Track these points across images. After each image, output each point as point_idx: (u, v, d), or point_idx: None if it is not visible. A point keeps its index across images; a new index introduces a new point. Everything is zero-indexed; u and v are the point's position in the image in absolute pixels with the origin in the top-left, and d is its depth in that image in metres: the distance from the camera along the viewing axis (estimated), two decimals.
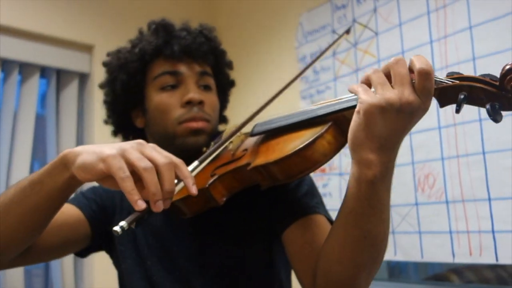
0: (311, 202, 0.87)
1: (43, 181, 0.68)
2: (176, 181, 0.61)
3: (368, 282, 0.73)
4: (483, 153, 1.45)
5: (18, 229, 0.71)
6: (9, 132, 2.08)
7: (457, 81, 0.61)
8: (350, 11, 1.94)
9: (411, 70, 0.61)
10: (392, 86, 0.60)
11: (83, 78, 2.39)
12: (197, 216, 0.85)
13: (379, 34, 1.82)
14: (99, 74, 2.32)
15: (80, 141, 2.37)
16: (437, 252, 1.54)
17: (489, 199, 1.43)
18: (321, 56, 0.92)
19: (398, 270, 1.97)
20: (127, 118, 1.00)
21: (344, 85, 1.92)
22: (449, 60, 1.57)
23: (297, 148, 0.68)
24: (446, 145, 1.54)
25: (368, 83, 0.64)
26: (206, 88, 0.97)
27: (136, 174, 0.59)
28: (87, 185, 1.01)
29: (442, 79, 0.62)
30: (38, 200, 0.68)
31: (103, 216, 0.94)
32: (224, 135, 0.86)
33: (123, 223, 0.56)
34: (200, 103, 0.92)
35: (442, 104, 0.63)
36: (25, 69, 2.18)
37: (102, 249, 1.00)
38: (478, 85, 0.59)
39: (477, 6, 1.51)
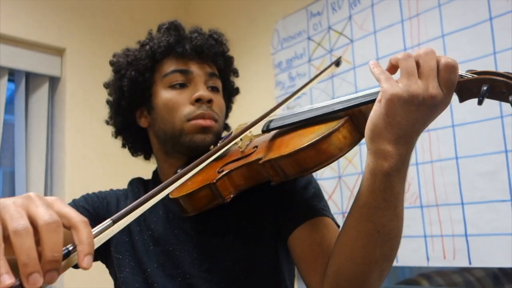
0: (318, 204, 0.87)
1: None
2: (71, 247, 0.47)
3: (380, 282, 0.72)
4: (456, 158, 1.48)
5: None
6: None
7: (478, 75, 0.61)
8: (325, 19, 1.97)
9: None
10: (418, 77, 0.60)
11: (53, 81, 2.33)
12: (201, 219, 0.84)
13: (354, 41, 1.84)
14: (70, 78, 2.29)
15: (50, 147, 2.30)
16: (412, 256, 1.57)
17: (462, 204, 1.46)
18: (312, 82, 0.91)
19: None
20: (131, 118, 0.99)
21: (319, 91, 1.94)
22: None
23: (313, 141, 0.67)
24: (420, 150, 1.57)
25: (394, 67, 0.63)
26: (214, 89, 0.96)
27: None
28: (80, 193, 0.99)
29: (464, 73, 0.62)
30: None
31: (94, 223, 0.91)
32: (233, 134, 0.85)
33: None
34: (209, 101, 0.91)
35: (462, 98, 0.64)
36: None
37: (96, 259, 0.94)
38: (500, 78, 0.59)
39: (448, 16, 1.55)
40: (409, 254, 1.57)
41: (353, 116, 0.69)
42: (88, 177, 2.24)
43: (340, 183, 1.83)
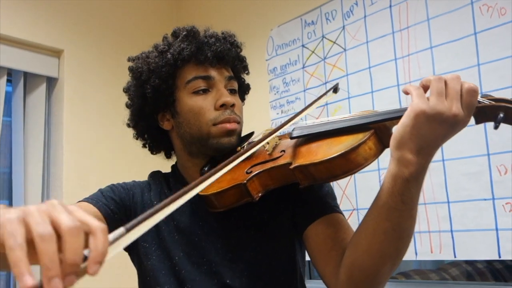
0: (332, 202, 0.96)
1: None
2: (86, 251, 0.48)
3: (390, 274, 0.81)
4: (443, 160, 1.61)
5: None
6: None
7: (494, 102, 0.70)
8: (319, 28, 2.08)
9: None
10: (445, 97, 0.68)
11: (51, 82, 2.37)
12: (224, 213, 0.91)
13: (347, 50, 1.96)
14: (67, 79, 2.33)
15: (47, 146, 2.33)
16: None
17: (448, 202, 1.59)
18: (312, 106, 0.94)
19: None
20: (153, 121, 1.03)
21: (313, 97, 2.05)
22: (412, 76, 1.73)
23: (343, 151, 0.74)
24: None
25: (426, 86, 0.72)
26: (233, 91, 1.02)
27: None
28: (77, 193, 1.03)
29: (482, 99, 0.72)
30: None
31: (122, 214, 0.96)
32: (260, 137, 0.92)
33: None
34: (232, 105, 0.97)
35: (478, 121, 0.73)
36: None
37: None
38: None
39: (437, 28, 1.68)
40: None
41: (378, 130, 0.78)
42: (86, 177, 2.28)
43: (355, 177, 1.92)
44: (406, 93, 0.73)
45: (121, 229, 0.52)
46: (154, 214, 0.56)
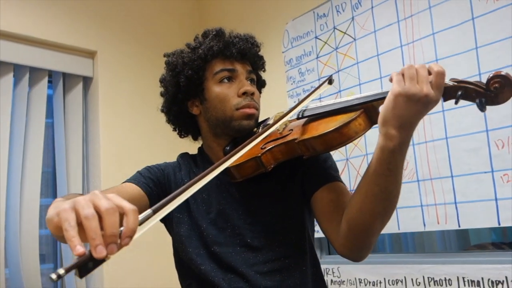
0: (335, 173, 1.13)
1: None
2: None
3: (380, 229, 0.96)
4: (446, 138, 1.74)
5: None
6: (21, 133, 2.26)
7: (457, 83, 0.84)
8: (331, 20, 2.22)
9: (428, 72, 0.83)
10: (416, 82, 0.82)
11: (86, 81, 2.59)
12: (244, 184, 1.09)
13: (357, 39, 2.10)
14: (102, 78, 2.55)
15: (85, 142, 2.55)
16: (411, 223, 1.83)
17: (452, 176, 1.72)
18: (308, 98, 1.05)
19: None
20: (184, 107, 1.20)
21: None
22: (416, 61, 1.86)
23: (337, 126, 0.90)
24: (415, 132, 1.80)
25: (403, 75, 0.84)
26: (252, 82, 1.20)
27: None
28: (143, 164, 1.21)
29: (447, 82, 0.84)
30: None
31: (159, 191, 1.14)
32: (273, 120, 1.08)
33: (61, 271, 0.55)
34: (252, 94, 1.14)
35: (445, 99, 0.86)
36: (34, 73, 2.37)
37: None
38: (471, 86, 0.83)
39: (438, 16, 1.80)
40: (409, 222, 1.83)
41: (367, 109, 0.93)
42: (121, 164, 2.49)
43: (348, 165, 2.09)
44: (391, 80, 0.87)
45: (149, 211, 0.65)
46: (180, 194, 0.71)
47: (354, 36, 2.11)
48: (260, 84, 1.30)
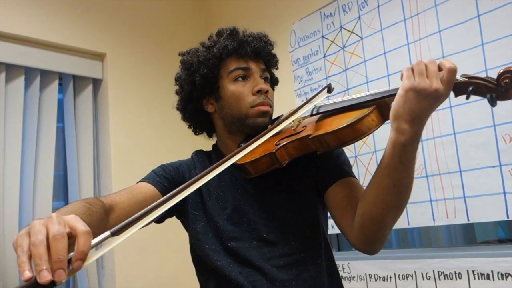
0: (348, 169, 1.15)
1: None
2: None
3: (393, 223, 0.98)
4: (454, 133, 1.77)
5: None
6: (33, 135, 2.29)
7: (468, 79, 0.86)
8: (337, 19, 2.25)
9: (440, 68, 0.84)
10: (426, 77, 0.84)
11: (96, 83, 2.63)
12: (259, 181, 1.11)
13: (364, 38, 2.13)
14: (111, 80, 2.58)
15: (96, 143, 2.59)
16: (420, 218, 1.85)
17: (460, 171, 1.74)
18: (306, 105, 1.09)
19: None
20: (199, 105, 1.22)
21: (334, 84, 2.22)
22: (423, 58, 1.86)
23: (350, 122, 0.92)
24: (424, 128, 1.84)
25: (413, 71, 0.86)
26: (266, 80, 1.22)
27: None
28: (153, 165, 1.24)
29: (459, 77, 0.86)
30: None
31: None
32: (285, 116, 1.10)
33: None
34: (266, 92, 1.16)
35: (456, 94, 0.88)
36: (45, 76, 2.41)
37: (173, 215, 1.21)
38: (482, 82, 0.85)
39: (444, 13, 1.83)
40: (418, 217, 1.86)
41: (379, 105, 0.96)
42: (131, 164, 2.53)
43: (357, 162, 2.12)
44: (402, 76, 0.90)
45: (106, 233, 0.63)
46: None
47: (361, 34, 2.14)
48: (273, 81, 1.32)
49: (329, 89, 1.09)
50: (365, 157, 2.08)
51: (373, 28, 2.09)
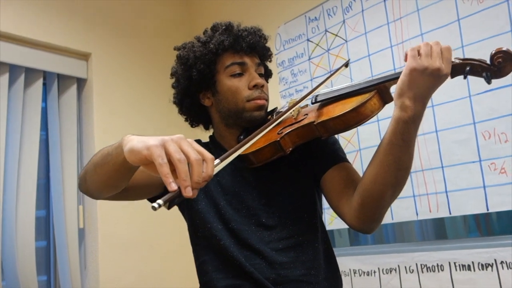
0: (343, 155, 1.21)
1: (112, 154, 0.91)
2: (218, 161, 0.79)
3: (391, 201, 1.03)
4: (436, 131, 1.85)
5: (103, 182, 1.00)
6: (18, 132, 2.26)
7: (463, 60, 0.93)
8: (322, 23, 2.32)
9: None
10: (430, 57, 0.90)
11: (80, 82, 2.62)
12: (257, 169, 1.15)
13: (348, 41, 2.21)
14: (96, 79, 2.58)
15: (80, 141, 2.57)
16: (404, 213, 1.92)
17: (442, 167, 1.82)
18: (326, 81, 1.18)
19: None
20: (196, 99, 1.25)
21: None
22: None
23: (355, 106, 0.98)
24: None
25: (418, 52, 0.92)
26: (261, 75, 1.26)
27: (172, 163, 0.72)
28: None
29: (455, 60, 0.94)
30: (109, 168, 0.94)
31: None
32: (287, 107, 1.15)
33: (160, 201, 0.67)
34: (262, 86, 1.20)
35: (453, 75, 0.94)
36: (29, 74, 2.38)
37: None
38: (477, 62, 0.92)
39: (426, 17, 1.92)
40: (402, 212, 1.93)
41: (379, 90, 1.02)
42: None
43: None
44: (406, 57, 0.95)
45: (217, 160, 0.80)
46: (233, 152, 0.85)
47: (346, 38, 2.22)
48: (267, 74, 1.36)
49: (347, 64, 1.16)
50: (350, 156, 2.13)
51: (358, 31, 2.17)
